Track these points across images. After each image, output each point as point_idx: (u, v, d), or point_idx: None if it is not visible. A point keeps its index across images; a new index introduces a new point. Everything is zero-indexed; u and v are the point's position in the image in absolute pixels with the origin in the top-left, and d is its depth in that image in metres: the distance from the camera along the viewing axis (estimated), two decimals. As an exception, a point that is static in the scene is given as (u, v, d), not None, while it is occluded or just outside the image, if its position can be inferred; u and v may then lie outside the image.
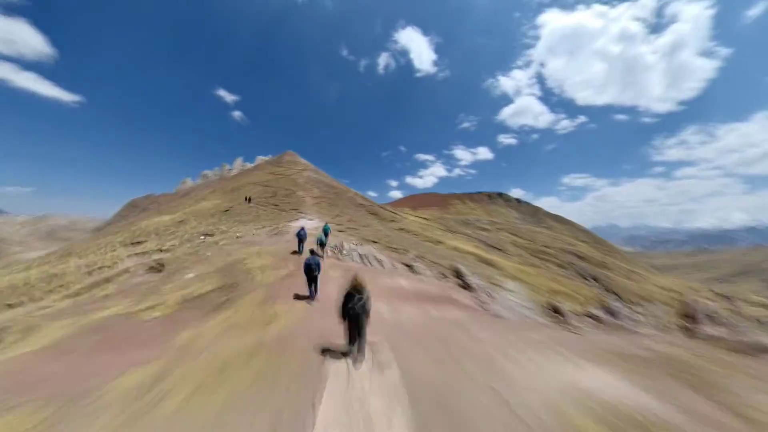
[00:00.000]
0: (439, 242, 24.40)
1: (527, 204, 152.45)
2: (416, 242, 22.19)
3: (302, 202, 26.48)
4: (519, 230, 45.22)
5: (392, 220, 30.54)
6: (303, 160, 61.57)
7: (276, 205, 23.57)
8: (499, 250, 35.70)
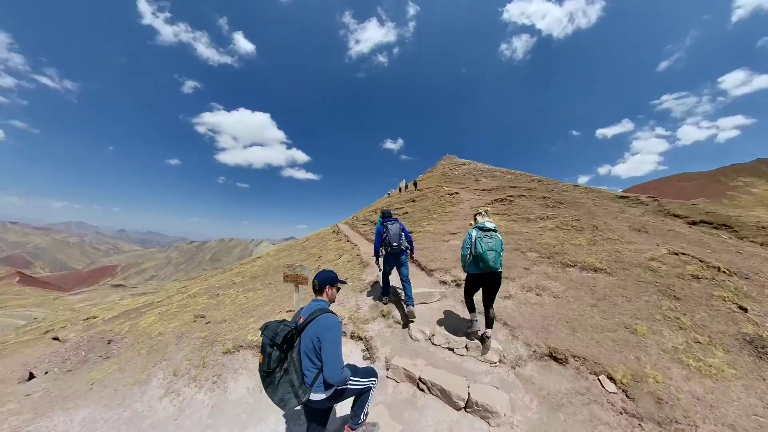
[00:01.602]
0: None
1: None
2: None
3: (442, 210, 13.30)
4: None
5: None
6: (462, 160, 48.63)
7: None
8: None
